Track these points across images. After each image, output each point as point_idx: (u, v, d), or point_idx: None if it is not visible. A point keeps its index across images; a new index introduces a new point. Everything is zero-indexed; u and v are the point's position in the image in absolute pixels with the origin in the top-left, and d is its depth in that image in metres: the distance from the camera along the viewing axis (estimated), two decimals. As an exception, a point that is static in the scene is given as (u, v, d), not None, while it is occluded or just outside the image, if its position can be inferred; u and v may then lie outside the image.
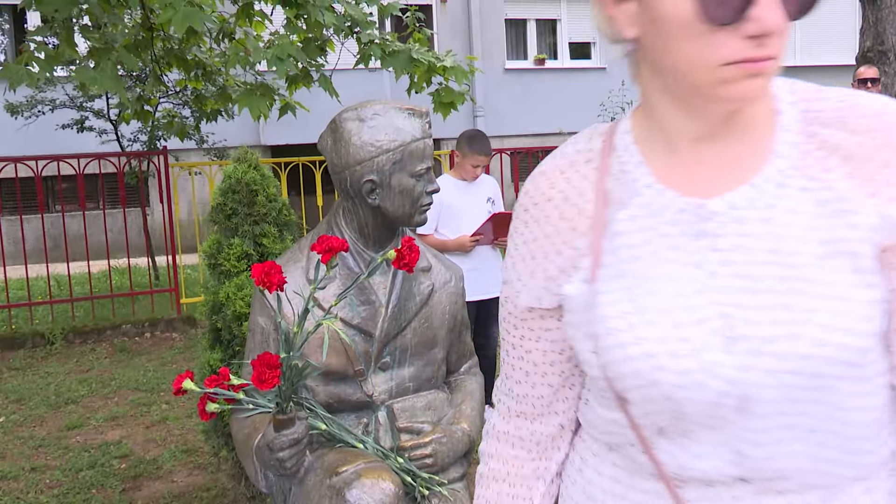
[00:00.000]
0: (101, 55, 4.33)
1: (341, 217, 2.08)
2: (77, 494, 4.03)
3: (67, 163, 7.38)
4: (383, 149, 1.96)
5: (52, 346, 6.90)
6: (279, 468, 1.82)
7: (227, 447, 3.36)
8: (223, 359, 3.27)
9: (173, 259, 7.63)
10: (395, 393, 2.10)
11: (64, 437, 4.86)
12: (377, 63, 5.32)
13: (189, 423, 4.97)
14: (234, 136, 10.98)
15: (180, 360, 6.50)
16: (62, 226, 7.62)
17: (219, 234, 3.40)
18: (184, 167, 8.12)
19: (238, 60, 4.83)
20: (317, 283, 1.69)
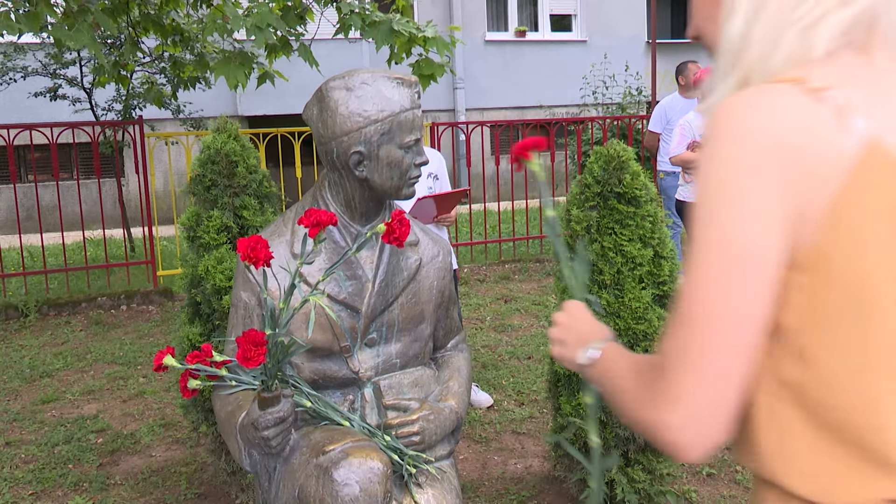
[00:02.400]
0: (77, 17, 4.22)
1: (327, 190, 2.02)
2: (53, 469, 3.98)
3: (40, 132, 7.22)
4: (371, 119, 1.90)
5: (26, 318, 6.79)
6: (264, 447, 1.78)
7: (206, 422, 3.31)
8: (203, 333, 3.22)
9: (149, 231, 7.52)
10: (381, 369, 2.06)
11: (39, 410, 4.79)
12: (357, 33, 5.23)
13: (167, 397, 4.92)
14: (210, 105, 10.81)
15: (157, 333, 6.43)
16: (35, 196, 7.47)
17: (197, 205, 3.33)
18: (160, 137, 7.97)
19: (216, 28, 4.72)
20: (304, 258, 1.64)
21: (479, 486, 3.68)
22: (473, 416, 4.43)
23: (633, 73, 13.62)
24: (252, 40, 4.59)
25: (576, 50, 14.82)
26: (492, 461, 3.94)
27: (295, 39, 5.35)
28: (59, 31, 4.06)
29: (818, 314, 0.89)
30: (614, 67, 13.75)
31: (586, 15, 15.09)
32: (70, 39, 4.03)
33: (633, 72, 13.67)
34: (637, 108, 12.40)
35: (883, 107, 0.87)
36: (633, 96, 12.39)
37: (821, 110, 0.86)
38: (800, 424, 0.92)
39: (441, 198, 3.93)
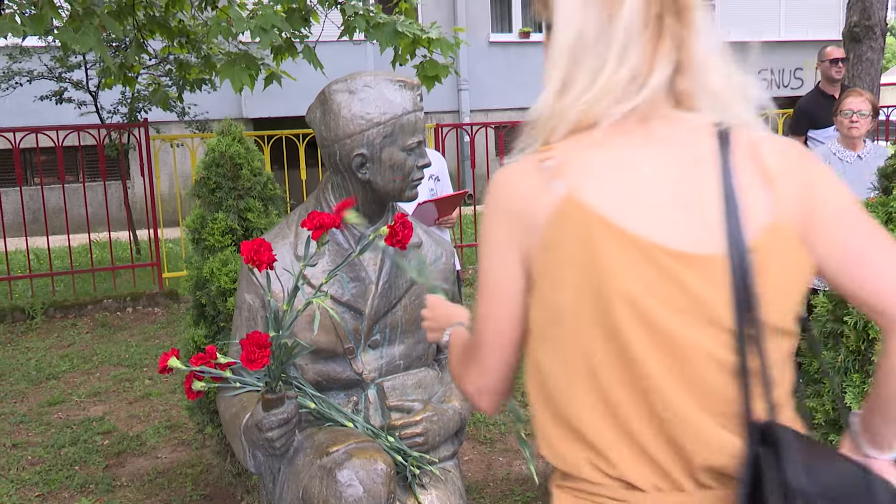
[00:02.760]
0: (83, 19, 4.24)
1: (330, 192, 2.03)
2: (59, 471, 3.99)
3: (46, 135, 7.25)
4: (374, 122, 1.90)
5: (33, 320, 6.81)
6: (268, 448, 1.79)
7: (212, 424, 3.32)
8: (208, 335, 3.23)
9: (155, 233, 7.54)
10: (385, 371, 2.07)
11: (45, 412, 4.81)
12: (362, 35, 5.24)
13: (172, 399, 4.93)
14: (215, 108, 10.83)
15: (163, 335, 6.45)
16: (41, 199, 7.50)
17: (202, 208, 3.34)
18: (165, 139, 8.00)
19: (220, 30, 4.73)
20: (307, 261, 1.65)
21: (483, 487, 3.69)
22: (478, 417, 4.43)
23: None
24: (257, 42, 4.60)
25: (580, 50, 14.82)
26: (496, 462, 3.94)
27: (300, 41, 5.36)
28: (65, 35, 4.08)
29: (538, 325, 1.18)
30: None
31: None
32: (76, 42, 4.04)
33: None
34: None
35: (590, 171, 1.12)
36: (637, 96, 12.38)
37: (538, 176, 1.14)
38: (541, 403, 1.20)
39: (442, 201, 3.93)
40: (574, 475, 1.19)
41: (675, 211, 1.11)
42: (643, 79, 1.12)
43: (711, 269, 1.09)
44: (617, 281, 1.09)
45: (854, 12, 7.51)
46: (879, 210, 2.18)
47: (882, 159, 2.66)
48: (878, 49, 7.58)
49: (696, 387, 1.11)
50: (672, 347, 1.10)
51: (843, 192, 1.14)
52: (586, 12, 1.14)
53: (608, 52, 1.12)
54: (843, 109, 4.32)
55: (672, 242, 1.09)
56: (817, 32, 15.84)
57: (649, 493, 1.14)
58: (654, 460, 1.13)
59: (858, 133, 4.29)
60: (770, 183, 1.11)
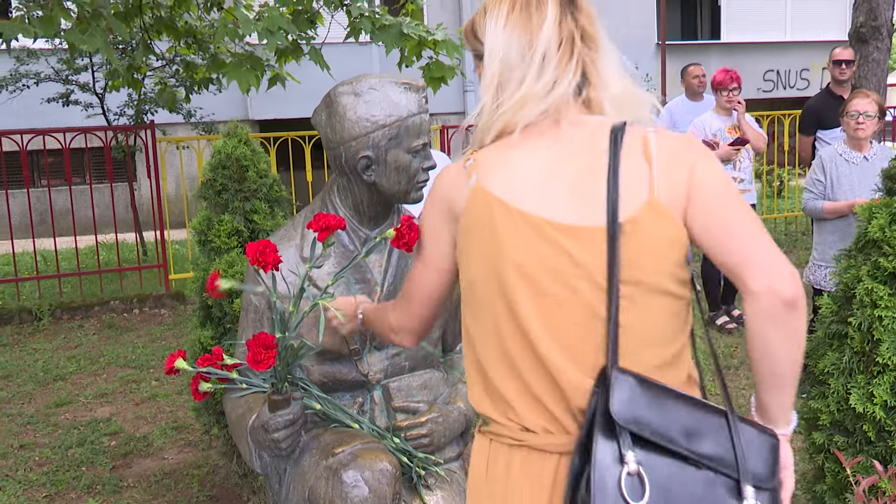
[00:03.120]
0: (90, 21, 4.26)
1: (336, 194, 2.04)
2: (67, 472, 4.01)
3: (53, 137, 7.27)
4: (379, 124, 1.91)
5: (40, 322, 6.84)
6: (274, 449, 1.80)
7: (218, 425, 3.34)
8: (214, 336, 3.24)
9: (161, 234, 7.56)
10: (390, 372, 2.08)
11: (52, 413, 4.83)
12: (367, 37, 5.25)
13: (179, 400, 4.95)
14: (221, 110, 10.86)
15: (169, 336, 6.47)
16: (48, 200, 7.53)
17: (209, 210, 3.36)
18: (171, 141, 8.02)
19: (227, 32, 4.74)
20: (313, 262, 1.66)
21: (489, 488, 3.69)
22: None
23: (642, 74, 13.60)
24: (263, 44, 4.61)
25: (586, 52, 14.80)
26: (502, 463, 3.95)
27: (306, 43, 5.37)
28: (73, 36, 4.10)
29: (463, 296, 1.45)
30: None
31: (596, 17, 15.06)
32: (83, 43, 4.06)
33: (643, 73, 13.65)
34: (647, 109, 12.36)
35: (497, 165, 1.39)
36: (642, 98, 12.35)
37: (462, 174, 1.44)
38: (469, 361, 1.46)
39: None
40: (488, 420, 1.43)
41: (569, 193, 1.34)
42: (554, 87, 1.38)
43: (592, 238, 1.31)
44: (510, 251, 1.34)
45: (860, 13, 7.49)
46: (884, 211, 2.18)
47: (888, 161, 2.66)
48: (884, 50, 7.57)
49: (568, 343, 1.33)
50: (550, 308, 1.33)
51: (720, 177, 1.35)
52: (509, 42, 1.40)
53: (529, 69, 1.38)
54: (849, 111, 4.32)
55: (559, 217, 1.33)
56: (824, 33, 15.80)
57: (539, 434, 1.36)
58: (546, 408, 1.35)
59: (864, 134, 4.29)
60: (652, 167, 1.32)
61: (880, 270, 2.14)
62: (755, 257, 1.27)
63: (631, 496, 1.22)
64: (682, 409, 1.29)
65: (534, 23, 1.39)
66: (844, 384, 2.17)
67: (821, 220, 4.41)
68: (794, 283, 1.26)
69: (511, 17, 1.41)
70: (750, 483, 1.27)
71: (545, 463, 1.36)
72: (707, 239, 1.31)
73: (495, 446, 1.42)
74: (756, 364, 1.31)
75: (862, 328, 2.13)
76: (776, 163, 10.70)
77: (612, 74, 1.42)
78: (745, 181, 5.71)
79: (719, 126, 5.71)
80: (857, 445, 2.16)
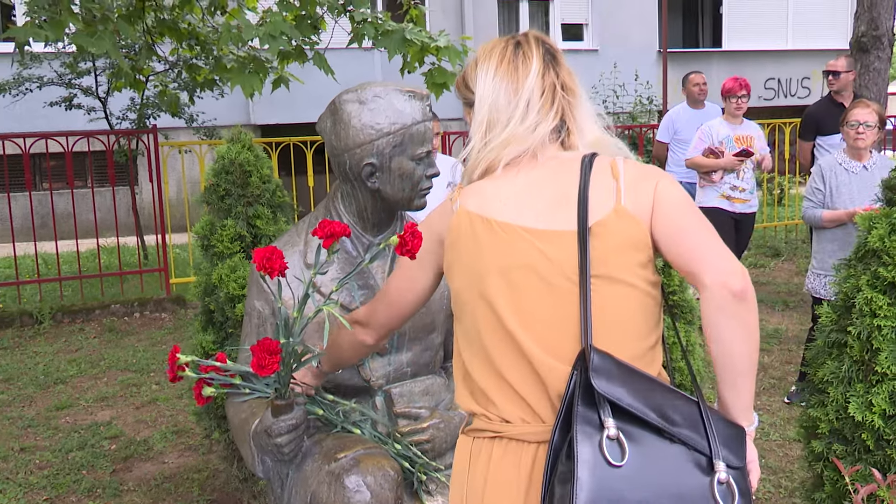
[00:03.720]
0: (99, 24, 4.29)
1: (340, 201, 2.06)
2: (67, 475, 4.02)
3: (56, 140, 7.29)
4: (383, 132, 1.93)
5: (41, 325, 6.85)
6: (277, 454, 1.81)
7: (219, 429, 3.34)
8: (216, 341, 3.25)
9: (163, 239, 7.58)
10: (392, 378, 2.09)
11: (53, 417, 4.83)
12: (370, 43, 5.26)
13: (179, 404, 4.96)
14: (223, 114, 10.88)
15: (170, 340, 6.47)
16: (50, 204, 7.54)
17: (211, 214, 3.37)
18: (173, 146, 8.04)
19: (230, 37, 4.76)
20: (318, 269, 1.67)
21: (489, 494, 3.70)
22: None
23: (643, 82, 13.63)
24: (266, 49, 4.63)
25: (587, 59, 14.84)
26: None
27: (309, 48, 5.39)
28: (82, 38, 4.12)
29: (454, 309, 1.59)
30: (625, 77, 13.76)
31: (598, 24, 15.11)
32: (92, 46, 4.08)
33: (644, 81, 13.68)
34: (648, 117, 12.40)
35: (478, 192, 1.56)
36: (643, 105, 12.38)
37: (448, 204, 1.61)
38: (458, 369, 1.59)
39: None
40: (472, 417, 1.55)
41: (544, 206, 1.50)
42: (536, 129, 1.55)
43: (564, 240, 1.46)
44: (490, 256, 1.50)
45: (861, 22, 7.52)
46: (883, 221, 2.19)
47: (887, 170, 2.67)
48: (885, 59, 7.59)
49: (545, 334, 1.46)
50: (527, 302, 1.47)
51: (680, 192, 1.51)
52: (498, 89, 1.59)
53: (514, 112, 1.56)
54: (849, 120, 4.34)
55: (535, 224, 1.49)
56: (825, 42, 15.83)
57: (517, 424, 1.47)
58: (524, 400, 1.47)
59: (864, 144, 4.30)
60: (619, 183, 1.48)
61: (880, 280, 2.15)
62: (707, 256, 1.42)
63: (612, 459, 1.31)
64: (656, 391, 1.40)
65: (520, 74, 1.58)
66: (843, 393, 2.18)
67: (820, 228, 4.42)
68: (742, 278, 1.40)
69: (500, 68, 1.60)
70: (721, 460, 1.37)
71: (523, 452, 1.46)
72: (667, 244, 1.46)
73: (477, 443, 1.53)
74: (714, 359, 1.43)
75: (861, 337, 2.14)
76: (776, 171, 10.72)
77: (587, 122, 1.61)
78: (747, 191, 5.72)
79: (727, 133, 5.71)
80: (855, 454, 2.17)
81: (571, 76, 1.63)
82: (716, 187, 5.69)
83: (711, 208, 5.55)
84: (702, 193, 5.81)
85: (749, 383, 1.44)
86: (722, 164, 5.62)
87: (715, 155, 5.67)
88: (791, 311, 6.64)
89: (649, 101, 12.87)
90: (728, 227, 5.60)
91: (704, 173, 5.74)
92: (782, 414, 4.49)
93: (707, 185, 5.76)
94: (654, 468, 1.34)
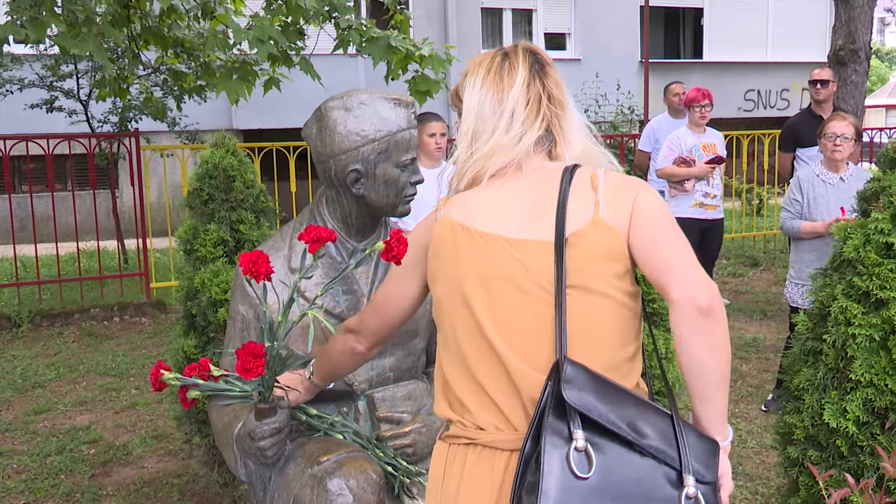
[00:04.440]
0: (82, 26, 4.27)
1: (324, 206, 2.07)
2: (45, 480, 3.99)
3: (36, 143, 7.25)
4: (369, 138, 1.95)
5: (19, 328, 6.79)
6: (260, 457, 1.82)
7: (200, 434, 3.34)
8: (198, 345, 3.25)
9: (143, 243, 7.54)
10: (375, 382, 2.11)
11: (31, 421, 4.80)
12: (354, 49, 5.28)
13: (159, 409, 4.94)
14: (206, 119, 10.86)
15: (150, 345, 6.44)
16: (30, 207, 7.49)
17: (195, 219, 3.37)
18: (155, 149, 8.01)
19: (217, 42, 4.77)
20: (303, 273, 1.69)
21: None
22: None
23: (625, 91, 13.74)
24: (254, 53, 4.63)
25: (570, 68, 14.93)
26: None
27: (295, 54, 5.40)
28: (65, 40, 4.10)
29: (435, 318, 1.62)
30: (607, 86, 13.85)
31: (580, 34, 15.22)
32: (75, 47, 4.07)
33: (626, 90, 13.78)
34: (629, 126, 12.49)
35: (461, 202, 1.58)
36: (625, 115, 12.48)
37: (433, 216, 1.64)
38: (438, 377, 1.60)
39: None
40: (448, 424, 1.56)
41: (524, 216, 1.52)
42: (521, 140, 1.56)
43: (541, 250, 1.47)
44: (469, 264, 1.51)
45: (839, 36, 7.63)
46: (858, 232, 2.23)
47: (864, 182, 2.72)
48: (862, 72, 7.71)
49: (521, 341, 1.47)
50: (504, 309, 1.48)
51: (657, 204, 1.51)
52: (483, 99, 1.60)
53: (500, 122, 1.58)
54: (826, 133, 4.41)
55: (514, 234, 1.50)
56: (804, 54, 16.04)
57: (490, 432, 1.49)
58: (499, 408, 1.48)
59: (841, 156, 4.37)
60: (598, 194, 1.49)
61: (854, 289, 2.19)
62: (677, 270, 1.42)
63: (579, 470, 1.32)
64: (629, 403, 1.40)
65: (505, 84, 1.60)
66: (819, 400, 2.22)
67: (798, 239, 4.49)
68: (709, 293, 1.39)
69: (486, 79, 1.61)
70: (691, 474, 1.36)
71: (496, 459, 1.47)
72: (641, 255, 1.46)
73: (453, 449, 1.54)
74: (684, 373, 1.42)
75: (836, 345, 2.18)
76: (755, 181, 10.84)
77: (575, 132, 1.62)
78: (717, 196, 5.95)
79: (694, 142, 5.90)
80: (830, 460, 2.21)
81: (560, 87, 1.64)
82: (689, 196, 5.84)
83: (684, 219, 5.65)
84: (674, 203, 5.91)
85: (721, 397, 1.44)
86: (695, 172, 5.81)
87: (686, 164, 5.82)
88: (769, 321, 6.71)
89: (630, 110, 12.98)
90: (695, 237, 5.72)
91: (677, 182, 5.88)
92: (759, 422, 4.54)
93: (679, 195, 5.89)
94: (622, 481, 1.34)
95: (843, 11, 7.59)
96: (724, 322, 1.41)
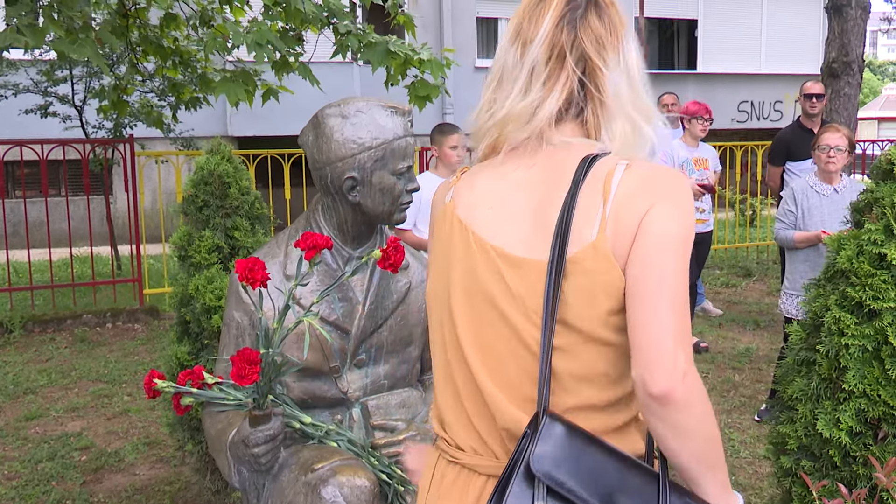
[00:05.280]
0: (80, 32, 4.27)
1: (320, 213, 2.08)
2: (36, 486, 3.97)
3: (30, 148, 7.24)
4: (365, 146, 1.95)
5: (11, 334, 6.76)
6: (254, 464, 1.82)
7: (192, 441, 3.33)
8: (191, 352, 3.24)
9: (137, 249, 7.53)
10: (369, 390, 2.11)
11: (22, 427, 4.78)
12: (353, 55, 5.29)
13: (151, 416, 4.92)
14: (200, 125, 10.85)
15: (142, 351, 6.42)
16: (23, 212, 7.47)
17: (189, 225, 3.37)
18: (150, 156, 8.00)
19: (216, 46, 4.77)
20: (299, 280, 1.69)
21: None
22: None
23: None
24: (253, 60, 4.63)
25: (564, 78, 14.97)
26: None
27: (294, 59, 5.40)
28: (63, 45, 4.10)
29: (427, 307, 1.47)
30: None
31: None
32: (73, 52, 4.07)
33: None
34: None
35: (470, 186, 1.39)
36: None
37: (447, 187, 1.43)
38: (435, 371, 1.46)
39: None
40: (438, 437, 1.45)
41: (525, 221, 1.30)
42: (537, 110, 1.30)
43: (533, 273, 1.26)
44: (459, 271, 1.34)
45: (832, 49, 7.68)
46: (851, 242, 2.24)
47: (857, 193, 2.74)
48: (855, 85, 7.75)
49: (499, 370, 1.31)
50: (483, 332, 1.32)
51: (665, 231, 1.23)
52: (509, 49, 1.34)
53: (516, 83, 1.32)
54: (820, 144, 4.43)
55: (508, 246, 1.30)
56: (797, 66, 16.13)
57: (468, 453, 1.36)
58: (476, 430, 1.35)
59: (835, 168, 4.40)
60: (606, 206, 1.24)
61: (847, 300, 2.20)
62: (642, 341, 1.19)
63: None
64: (611, 468, 1.23)
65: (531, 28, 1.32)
66: (812, 410, 2.22)
67: (792, 249, 4.50)
68: (668, 379, 1.16)
69: (520, 15, 1.35)
70: None
71: (472, 482, 1.36)
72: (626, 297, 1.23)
73: (441, 461, 1.44)
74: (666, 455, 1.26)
75: (829, 355, 2.19)
76: (749, 192, 10.88)
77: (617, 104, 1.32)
78: (707, 211, 6.01)
79: (686, 157, 5.91)
80: (823, 470, 2.21)
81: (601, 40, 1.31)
82: None
83: None
84: None
85: (710, 477, 1.23)
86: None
87: None
88: (762, 331, 6.72)
89: (625, 120, 13.01)
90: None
91: None
92: (752, 432, 4.54)
93: None
94: None
95: (836, 24, 7.65)
96: (693, 408, 1.18)
